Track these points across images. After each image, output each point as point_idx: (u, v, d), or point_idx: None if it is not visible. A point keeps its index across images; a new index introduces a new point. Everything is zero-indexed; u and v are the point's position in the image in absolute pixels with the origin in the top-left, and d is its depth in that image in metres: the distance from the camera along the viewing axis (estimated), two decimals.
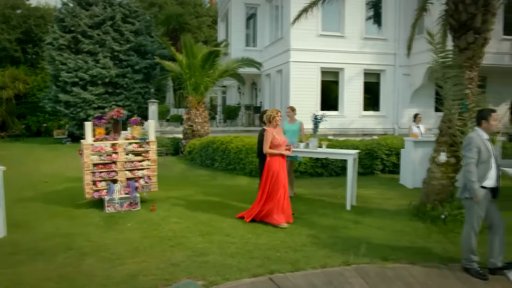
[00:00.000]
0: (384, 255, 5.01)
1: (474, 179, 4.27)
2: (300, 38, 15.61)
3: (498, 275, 4.46)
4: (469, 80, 6.15)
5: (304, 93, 15.69)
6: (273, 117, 6.39)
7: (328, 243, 5.41)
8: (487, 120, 4.45)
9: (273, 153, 6.30)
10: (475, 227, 4.40)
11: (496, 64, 16.88)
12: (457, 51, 6.28)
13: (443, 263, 4.82)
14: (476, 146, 4.31)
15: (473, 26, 6.02)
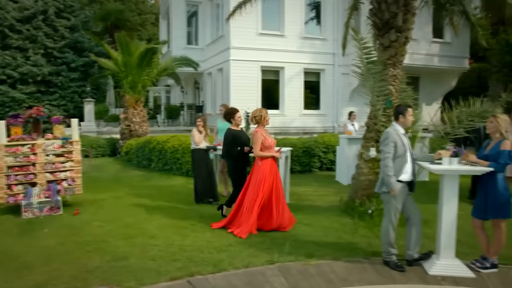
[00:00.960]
0: (310, 252, 4.98)
1: (390, 173, 4.33)
2: (240, 36, 15.54)
3: (416, 266, 4.56)
4: (393, 77, 6.30)
5: (244, 92, 15.63)
6: (263, 117, 5.87)
7: (255, 242, 5.31)
8: (404, 115, 4.53)
9: (265, 156, 5.77)
10: (393, 220, 4.47)
11: (427, 65, 17.73)
12: (381, 49, 6.41)
13: (366, 257, 4.86)
14: (393, 141, 4.37)
15: (395, 24, 6.17)
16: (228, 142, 6.33)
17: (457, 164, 4.36)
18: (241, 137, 6.39)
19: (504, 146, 4.23)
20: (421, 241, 4.63)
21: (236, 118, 6.46)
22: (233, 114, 6.48)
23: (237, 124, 6.48)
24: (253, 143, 5.93)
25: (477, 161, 4.34)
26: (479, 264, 4.47)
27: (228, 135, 6.36)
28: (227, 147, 6.36)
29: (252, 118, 5.97)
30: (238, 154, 6.24)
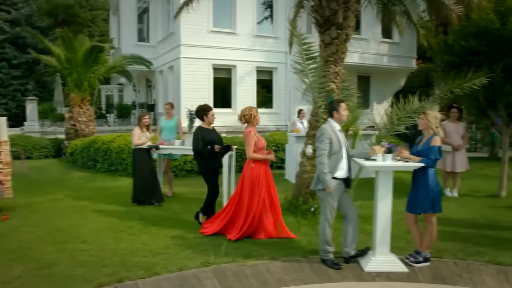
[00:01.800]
0: (248, 252, 4.86)
1: (326, 170, 4.28)
2: (191, 33, 15.25)
3: (353, 263, 4.56)
4: (334, 75, 6.31)
5: (196, 90, 15.36)
6: (253, 116, 5.45)
7: (193, 244, 5.14)
8: (338, 111, 4.51)
9: (259, 158, 5.34)
10: (329, 218, 4.44)
11: (376, 64, 18.15)
12: (322, 46, 6.41)
13: (304, 256, 4.81)
14: (328, 137, 4.33)
15: (335, 22, 6.18)
16: (197, 141, 5.88)
17: (390, 160, 4.39)
18: (212, 136, 6.00)
19: (434, 142, 4.29)
20: (357, 237, 4.63)
21: (209, 116, 6.04)
22: (207, 112, 6.05)
23: (209, 122, 6.07)
24: (245, 144, 5.40)
25: (410, 157, 4.38)
26: (412, 259, 4.52)
27: (197, 134, 5.93)
28: (196, 147, 5.92)
29: (241, 117, 5.53)
30: (209, 153, 5.87)
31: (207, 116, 6.06)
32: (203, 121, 6.10)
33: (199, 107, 6.13)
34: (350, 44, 17.79)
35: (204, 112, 6.06)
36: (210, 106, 6.26)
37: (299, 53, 6.16)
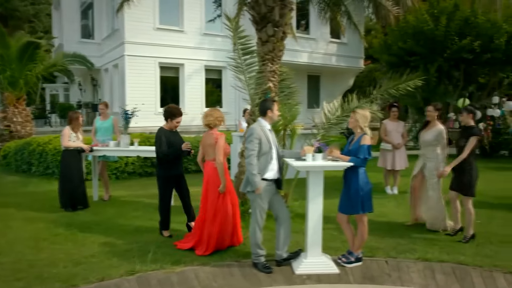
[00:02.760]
0: (179, 258, 4.64)
1: (255, 171, 4.14)
2: (136, 30, 14.76)
3: (285, 266, 4.45)
4: (272, 73, 6.20)
5: (142, 89, 14.90)
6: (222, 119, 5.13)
7: (122, 250, 4.85)
8: (272, 110, 4.39)
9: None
10: (259, 220, 4.30)
11: (325, 64, 18.41)
12: (260, 43, 6.30)
13: (237, 260, 4.65)
14: (257, 137, 4.20)
15: (272, 19, 6.08)
16: (159, 143, 5.30)
17: (321, 160, 4.31)
18: (174, 138, 5.49)
19: (364, 141, 4.26)
20: (290, 240, 4.53)
21: (174, 122, 5.46)
22: (174, 116, 5.44)
23: (172, 126, 5.52)
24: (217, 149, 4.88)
25: (339, 156, 4.32)
26: (344, 259, 4.48)
27: (159, 135, 5.35)
28: (158, 148, 5.33)
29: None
30: (172, 158, 5.39)
31: (172, 120, 5.45)
32: (166, 122, 5.51)
33: (168, 107, 5.54)
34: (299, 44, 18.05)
35: (171, 115, 5.44)
36: (181, 111, 5.65)
37: (235, 48, 6.02)
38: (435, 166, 5.60)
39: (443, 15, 7.50)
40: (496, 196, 8.05)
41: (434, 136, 5.59)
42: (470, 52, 7.47)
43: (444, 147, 5.68)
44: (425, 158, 5.71)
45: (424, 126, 5.86)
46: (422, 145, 5.74)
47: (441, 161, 5.65)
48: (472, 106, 5.62)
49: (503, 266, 4.41)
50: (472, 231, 5.32)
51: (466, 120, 5.37)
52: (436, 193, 5.61)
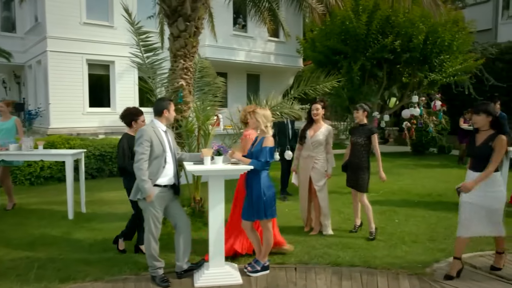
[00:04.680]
0: (71, 273, 4.19)
1: (144, 177, 3.77)
2: (60, 25, 13.78)
3: (187, 277, 4.12)
4: (184, 70, 5.85)
5: (68, 87, 13.98)
6: None
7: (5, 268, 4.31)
8: (168, 110, 4.04)
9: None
10: (153, 230, 3.94)
11: (264, 62, 18.25)
12: (171, 39, 5.93)
13: (137, 273, 4.26)
14: (147, 139, 3.83)
15: (183, 13, 5.72)
16: (123, 153, 4.67)
17: (221, 163, 4.02)
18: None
19: (266, 143, 4.01)
20: (190, 249, 4.20)
21: (140, 122, 4.88)
22: (137, 116, 4.88)
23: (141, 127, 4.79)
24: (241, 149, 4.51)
25: (241, 158, 4.05)
26: (250, 268, 4.22)
27: (123, 143, 4.72)
28: (122, 160, 4.70)
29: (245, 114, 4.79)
30: None
31: (137, 121, 4.87)
32: (130, 127, 4.90)
33: (126, 110, 4.95)
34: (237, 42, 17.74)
35: (132, 117, 4.88)
36: (141, 110, 5.10)
37: (137, 43, 5.62)
38: (324, 167, 5.48)
39: (365, 13, 7.47)
40: (418, 193, 8.20)
41: (325, 136, 5.47)
42: (391, 51, 7.50)
43: (331, 147, 5.60)
44: (312, 160, 5.48)
45: (307, 125, 5.63)
46: (312, 146, 5.46)
47: (330, 162, 5.56)
48: (367, 105, 5.65)
49: (409, 268, 4.34)
50: (373, 225, 5.42)
51: (361, 117, 5.46)
52: (325, 195, 5.50)
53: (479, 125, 3.96)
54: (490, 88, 15.07)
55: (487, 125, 3.91)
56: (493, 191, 3.90)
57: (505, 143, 3.80)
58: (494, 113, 3.89)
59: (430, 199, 7.74)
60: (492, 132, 3.89)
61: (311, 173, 5.46)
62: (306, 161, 5.50)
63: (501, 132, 3.83)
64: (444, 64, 7.84)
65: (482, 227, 3.98)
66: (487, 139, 3.88)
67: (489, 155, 3.82)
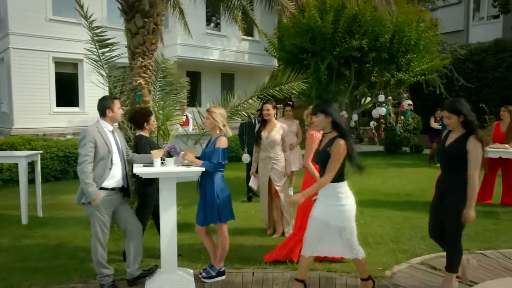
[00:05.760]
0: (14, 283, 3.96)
1: (88, 180, 3.56)
2: (24, 21, 13.27)
3: (138, 285, 3.92)
4: (143, 68, 5.64)
5: (33, 86, 13.49)
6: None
7: None
8: (112, 109, 3.83)
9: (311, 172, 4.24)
10: (100, 236, 3.73)
11: (238, 62, 18.09)
12: (129, 35, 5.72)
13: (86, 281, 4.05)
14: (91, 141, 3.62)
15: (141, 8, 5.52)
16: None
17: (172, 164, 3.84)
18: (153, 145, 4.59)
19: (219, 144, 3.85)
20: (142, 255, 4.01)
21: (151, 122, 4.68)
22: (148, 117, 4.63)
23: (150, 130, 4.77)
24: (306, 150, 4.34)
25: (193, 160, 3.88)
26: (204, 274, 4.06)
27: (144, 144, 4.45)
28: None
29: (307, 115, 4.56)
30: None
31: (149, 122, 4.65)
32: (142, 129, 4.66)
33: (136, 113, 4.71)
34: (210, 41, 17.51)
35: (145, 118, 4.62)
36: (149, 109, 4.93)
37: (91, 39, 5.40)
38: (283, 167, 5.37)
39: (331, 11, 7.39)
40: (386, 193, 8.18)
41: (280, 134, 5.36)
42: (359, 50, 7.44)
43: (288, 145, 5.50)
44: (271, 160, 5.35)
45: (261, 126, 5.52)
46: (269, 146, 5.32)
47: (288, 161, 5.47)
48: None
49: (369, 271, 4.24)
50: None
51: None
52: (287, 195, 5.40)
53: (450, 127, 3.59)
54: (460, 88, 15.30)
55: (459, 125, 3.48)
56: (332, 205, 3.39)
57: (342, 149, 3.28)
58: (464, 112, 3.43)
59: (398, 199, 7.71)
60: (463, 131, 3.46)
61: (270, 174, 5.33)
62: (264, 163, 5.37)
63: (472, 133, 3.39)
64: (411, 63, 7.84)
65: (332, 246, 3.49)
66: (458, 139, 3.49)
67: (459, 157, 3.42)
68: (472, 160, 3.35)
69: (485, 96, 14.72)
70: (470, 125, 3.41)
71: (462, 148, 3.39)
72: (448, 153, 3.53)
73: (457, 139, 3.48)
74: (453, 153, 3.47)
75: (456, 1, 22.60)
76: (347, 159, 3.38)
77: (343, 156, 3.30)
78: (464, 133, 3.45)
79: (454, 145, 3.48)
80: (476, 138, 3.35)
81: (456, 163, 3.45)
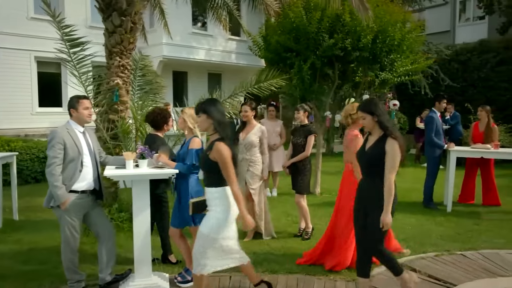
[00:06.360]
0: None
1: (57, 183, 3.45)
2: (4, 19, 12.99)
3: None
4: (121, 68, 5.53)
5: (14, 86, 13.24)
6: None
7: None
8: (77, 109, 3.72)
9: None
10: (70, 241, 3.61)
11: (225, 61, 17.99)
12: (106, 34, 5.61)
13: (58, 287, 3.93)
14: (60, 142, 3.51)
15: (118, 7, 5.42)
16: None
17: (145, 166, 3.73)
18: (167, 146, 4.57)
19: (193, 145, 3.76)
20: (115, 260, 3.90)
21: (169, 124, 4.62)
22: (168, 119, 4.56)
23: (167, 130, 4.68)
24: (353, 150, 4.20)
25: (166, 162, 3.79)
26: (180, 278, 3.97)
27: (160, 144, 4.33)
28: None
29: (346, 116, 4.44)
30: None
31: (167, 124, 4.59)
32: (160, 130, 4.59)
33: (158, 115, 4.55)
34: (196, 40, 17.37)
35: (165, 120, 4.54)
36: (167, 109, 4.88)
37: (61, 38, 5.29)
38: (260, 170, 5.30)
39: (317, 10, 7.32)
40: None
41: (258, 136, 5.29)
42: (342, 49, 7.40)
43: (266, 147, 5.43)
44: (247, 163, 5.27)
45: (240, 128, 5.50)
46: (245, 148, 5.24)
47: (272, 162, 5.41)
48: (308, 106, 5.56)
49: (348, 274, 4.19)
50: (310, 225, 5.39)
51: (301, 118, 5.38)
52: (262, 198, 5.32)
53: (366, 128, 3.42)
54: (446, 88, 15.36)
55: (376, 126, 3.33)
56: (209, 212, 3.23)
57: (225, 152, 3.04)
58: (377, 112, 3.28)
59: None
60: (381, 134, 3.31)
61: (246, 176, 5.24)
62: (241, 165, 5.28)
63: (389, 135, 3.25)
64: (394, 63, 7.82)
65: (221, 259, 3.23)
66: (377, 142, 3.33)
67: (379, 160, 3.25)
68: (388, 162, 3.21)
69: (470, 96, 14.78)
70: (384, 126, 3.26)
71: (381, 150, 3.24)
72: (367, 157, 3.38)
73: (376, 142, 3.34)
74: (373, 157, 3.31)
75: (443, 2, 22.76)
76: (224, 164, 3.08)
77: (228, 157, 3.06)
78: (382, 135, 3.30)
79: (373, 148, 3.34)
80: (392, 138, 3.22)
81: (377, 166, 3.28)
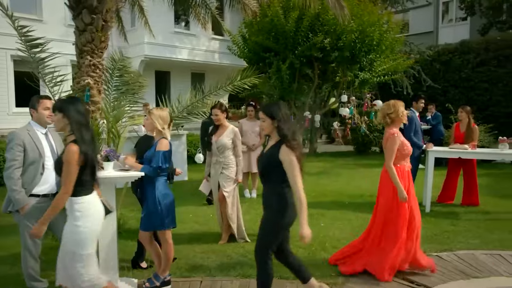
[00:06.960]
0: None
1: (16, 187, 3.31)
2: None
3: None
4: (92, 67, 5.37)
5: None
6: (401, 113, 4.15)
7: None
8: (36, 109, 3.59)
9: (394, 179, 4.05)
10: (30, 247, 3.47)
11: (208, 61, 17.85)
12: (77, 32, 5.45)
13: None
14: (20, 144, 3.37)
15: (88, 4, 5.26)
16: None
17: (111, 169, 3.61)
18: None
19: (160, 147, 3.64)
20: None
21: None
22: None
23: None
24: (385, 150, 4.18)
25: (133, 164, 3.66)
26: (148, 284, 3.84)
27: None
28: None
29: (384, 115, 4.22)
30: None
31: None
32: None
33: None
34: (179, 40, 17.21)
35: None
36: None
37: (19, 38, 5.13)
38: (233, 173, 5.21)
39: (295, 10, 7.26)
40: (350, 195, 8.09)
41: (230, 138, 5.20)
42: (321, 50, 7.35)
43: (240, 149, 5.33)
44: (220, 165, 5.17)
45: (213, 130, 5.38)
46: (218, 151, 5.13)
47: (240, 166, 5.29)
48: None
49: (322, 277, 4.11)
50: None
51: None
52: (235, 201, 5.24)
53: (265, 130, 3.29)
54: (427, 88, 15.48)
55: (274, 131, 3.19)
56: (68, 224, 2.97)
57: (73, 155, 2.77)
58: (278, 117, 3.12)
59: (361, 200, 7.64)
60: (278, 139, 3.16)
61: (219, 179, 5.14)
62: (215, 167, 5.18)
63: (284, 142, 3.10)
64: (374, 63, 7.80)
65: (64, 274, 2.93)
66: (272, 147, 3.20)
67: (272, 166, 3.12)
68: (288, 170, 3.06)
69: (452, 96, 14.92)
70: (283, 134, 3.10)
71: (275, 156, 3.10)
72: (262, 161, 3.26)
73: (272, 146, 3.21)
74: (267, 161, 3.19)
75: (426, 3, 22.97)
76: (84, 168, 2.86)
77: (74, 163, 2.79)
78: (278, 141, 3.16)
79: (267, 155, 3.22)
80: (287, 146, 3.06)
81: (270, 172, 3.17)
